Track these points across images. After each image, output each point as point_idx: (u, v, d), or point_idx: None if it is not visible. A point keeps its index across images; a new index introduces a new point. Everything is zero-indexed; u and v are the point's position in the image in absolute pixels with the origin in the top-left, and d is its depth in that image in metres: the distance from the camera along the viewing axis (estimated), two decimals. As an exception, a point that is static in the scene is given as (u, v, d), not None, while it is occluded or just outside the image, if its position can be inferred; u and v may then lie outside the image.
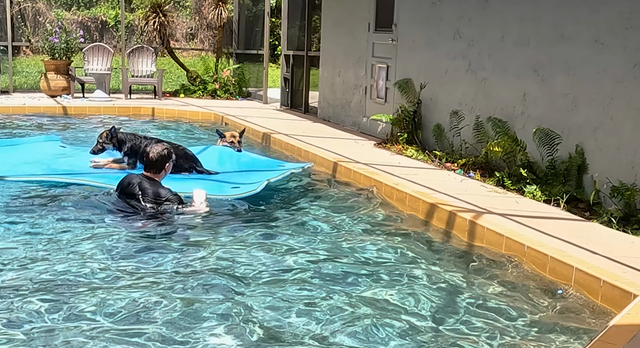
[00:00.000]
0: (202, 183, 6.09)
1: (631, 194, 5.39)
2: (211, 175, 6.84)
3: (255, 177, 6.40)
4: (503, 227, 4.97)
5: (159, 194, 5.46)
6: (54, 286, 3.87)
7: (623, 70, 5.75)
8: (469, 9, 7.83)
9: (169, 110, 12.37)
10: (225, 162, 7.35)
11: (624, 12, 5.74)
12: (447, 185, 6.45)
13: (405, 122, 8.67)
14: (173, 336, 3.31)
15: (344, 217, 5.68)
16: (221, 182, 6.47)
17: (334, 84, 11.11)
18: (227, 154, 7.52)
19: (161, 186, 5.57)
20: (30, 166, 6.82)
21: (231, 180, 6.51)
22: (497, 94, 7.33)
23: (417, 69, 8.80)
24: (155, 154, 5.53)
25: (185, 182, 6.25)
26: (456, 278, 4.34)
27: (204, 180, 6.57)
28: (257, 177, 6.35)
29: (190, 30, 18.46)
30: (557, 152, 6.35)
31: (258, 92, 14.92)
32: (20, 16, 16.53)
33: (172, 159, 5.66)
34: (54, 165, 6.95)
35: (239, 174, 6.87)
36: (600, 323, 3.66)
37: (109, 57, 14.19)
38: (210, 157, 7.35)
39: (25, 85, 15.26)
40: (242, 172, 6.96)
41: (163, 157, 5.57)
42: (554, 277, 4.30)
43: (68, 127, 10.61)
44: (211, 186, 6.10)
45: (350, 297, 3.90)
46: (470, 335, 3.50)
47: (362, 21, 10.07)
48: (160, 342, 3.25)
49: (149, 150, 5.62)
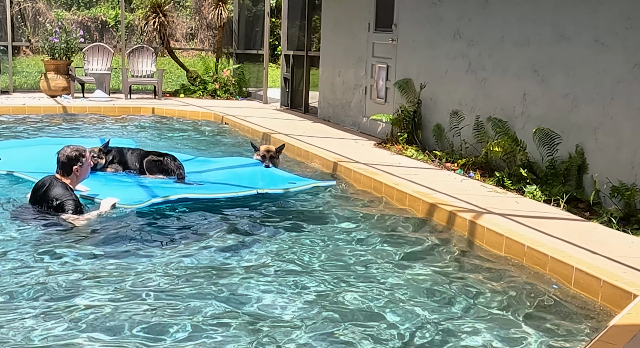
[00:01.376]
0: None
1: (631, 194, 5.39)
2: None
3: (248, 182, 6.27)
4: (503, 227, 4.97)
5: (56, 197, 5.14)
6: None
7: (623, 70, 5.75)
8: (469, 9, 7.83)
9: (169, 110, 12.37)
10: (243, 176, 6.59)
11: (624, 12, 5.74)
12: (447, 185, 6.45)
13: (405, 122, 8.67)
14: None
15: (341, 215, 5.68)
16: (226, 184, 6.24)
17: (334, 84, 11.11)
18: (249, 169, 6.83)
19: (64, 189, 5.21)
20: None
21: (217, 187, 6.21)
22: (497, 94, 7.33)
23: (417, 69, 8.81)
24: (63, 154, 5.29)
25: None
26: (456, 278, 4.34)
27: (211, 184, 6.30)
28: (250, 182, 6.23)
29: (190, 30, 18.46)
30: (557, 152, 6.35)
31: (258, 92, 14.92)
32: (20, 16, 16.53)
33: (81, 162, 5.31)
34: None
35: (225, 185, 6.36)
36: (600, 323, 3.66)
37: (109, 57, 14.19)
38: (228, 169, 6.91)
39: (25, 85, 15.26)
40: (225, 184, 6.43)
41: (70, 159, 5.27)
42: (553, 276, 4.30)
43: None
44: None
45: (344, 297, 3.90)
46: (470, 336, 3.50)
47: (362, 21, 10.07)
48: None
49: (60, 151, 5.35)
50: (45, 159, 5.78)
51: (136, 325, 3.40)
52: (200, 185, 6.28)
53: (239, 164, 7.17)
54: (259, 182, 6.32)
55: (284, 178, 6.50)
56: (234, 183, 6.22)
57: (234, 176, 6.57)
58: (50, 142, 7.79)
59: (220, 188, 6.06)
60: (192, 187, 6.17)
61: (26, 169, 6.38)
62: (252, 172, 6.66)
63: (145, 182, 6.35)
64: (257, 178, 6.45)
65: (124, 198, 5.49)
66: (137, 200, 5.49)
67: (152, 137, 9.93)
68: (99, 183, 6.03)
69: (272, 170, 6.73)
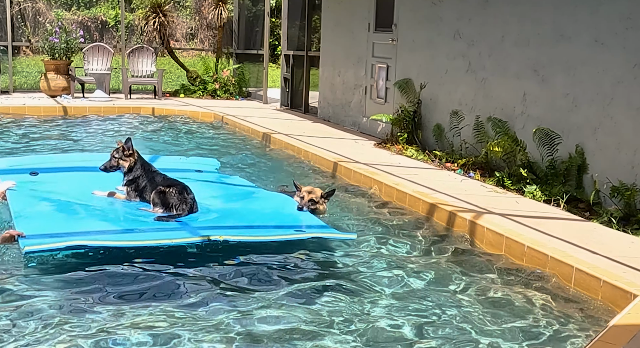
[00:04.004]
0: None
1: (631, 194, 5.39)
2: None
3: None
4: (503, 227, 4.97)
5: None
6: None
7: (623, 70, 5.75)
8: (469, 9, 7.83)
9: (169, 110, 12.38)
10: (269, 215, 5.31)
11: (624, 12, 5.74)
12: (447, 185, 6.45)
13: (405, 122, 8.67)
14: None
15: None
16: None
17: (334, 84, 11.11)
18: (278, 208, 5.53)
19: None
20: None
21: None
22: (497, 94, 7.33)
23: (417, 69, 8.81)
24: None
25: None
26: (455, 278, 4.34)
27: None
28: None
29: (190, 30, 18.45)
30: (557, 152, 6.35)
31: (258, 92, 14.92)
32: (20, 16, 16.52)
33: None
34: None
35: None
36: (600, 323, 3.66)
37: (109, 57, 14.19)
38: (260, 203, 5.64)
39: (25, 85, 15.25)
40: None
41: None
42: (554, 276, 4.30)
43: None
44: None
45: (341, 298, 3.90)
46: (469, 335, 3.50)
47: (362, 21, 10.07)
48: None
49: None
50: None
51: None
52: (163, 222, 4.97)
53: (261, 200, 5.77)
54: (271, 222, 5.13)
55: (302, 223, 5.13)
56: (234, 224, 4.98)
57: (244, 212, 5.36)
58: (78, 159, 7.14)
59: (169, 233, 4.62)
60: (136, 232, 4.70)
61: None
62: (276, 211, 5.42)
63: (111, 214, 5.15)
64: (274, 218, 5.24)
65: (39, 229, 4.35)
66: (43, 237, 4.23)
67: (152, 137, 9.93)
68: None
69: (302, 214, 5.34)
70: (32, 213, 4.78)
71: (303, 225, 5.06)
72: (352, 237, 4.82)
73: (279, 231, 4.88)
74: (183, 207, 5.14)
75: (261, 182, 6.77)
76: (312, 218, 5.19)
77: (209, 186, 6.09)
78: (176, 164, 6.92)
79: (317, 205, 5.50)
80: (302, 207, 5.42)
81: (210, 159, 7.47)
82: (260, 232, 4.82)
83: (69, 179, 5.97)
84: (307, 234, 4.78)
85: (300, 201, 5.47)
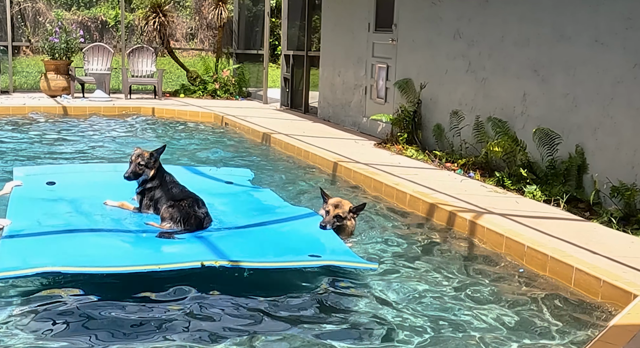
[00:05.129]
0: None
1: (631, 194, 5.39)
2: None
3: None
4: (503, 227, 4.97)
5: None
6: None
7: (623, 70, 5.75)
8: (469, 9, 7.83)
9: (169, 110, 12.38)
10: (289, 235, 4.74)
11: (624, 12, 5.74)
12: (447, 185, 6.45)
13: (405, 122, 8.67)
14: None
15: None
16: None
17: (334, 84, 11.11)
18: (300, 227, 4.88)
19: None
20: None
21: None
22: (497, 94, 7.33)
23: (417, 69, 8.81)
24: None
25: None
26: (455, 277, 4.34)
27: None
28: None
29: (190, 30, 18.47)
30: (557, 152, 6.35)
31: (258, 92, 14.92)
32: (20, 16, 16.53)
33: None
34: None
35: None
36: (600, 323, 3.66)
37: (109, 57, 14.20)
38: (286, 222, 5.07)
39: (25, 85, 15.26)
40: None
41: None
42: (553, 276, 4.30)
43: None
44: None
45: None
46: (469, 335, 3.50)
47: (362, 21, 10.07)
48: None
49: None
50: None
51: None
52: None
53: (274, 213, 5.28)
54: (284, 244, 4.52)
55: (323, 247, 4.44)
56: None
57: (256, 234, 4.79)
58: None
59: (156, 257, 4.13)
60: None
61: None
62: (292, 229, 4.82)
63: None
64: (287, 239, 4.65)
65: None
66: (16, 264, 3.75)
67: (151, 138, 9.94)
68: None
69: (324, 234, 4.65)
70: (18, 229, 4.39)
71: (321, 247, 4.38)
72: (373, 267, 4.17)
73: (288, 257, 4.20)
74: (191, 221, 4.70)
75: (261, 181, 6.76)
76: (333, 239, 4.53)
77: (231, 199, 5.65)
78: (207, 174, 6.53)
79: (344, 221, 4.79)
80: (325, 225, 4.70)
81: (243, 169, 6.93)
82: (266, 256, 4.16)
83: (83, 189, 5.65)
84: (318, 262, 4.14)
85: (325, 216, 4.79)
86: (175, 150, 8.72)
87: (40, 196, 5.38)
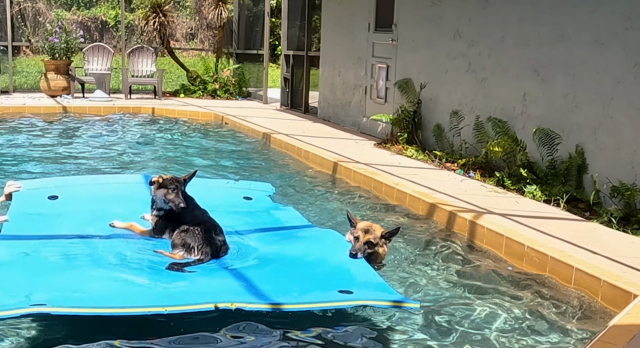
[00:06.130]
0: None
1: (631, 194, 5.39)
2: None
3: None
4: (503, 227, 4.97)
5: None
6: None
7: (623, 70, 5.75)
8: (469, 9, 7.83)
9: (169, 110, 12.38)
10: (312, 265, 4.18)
11: (624, 12, 5.74)
12: (447, 185, 6.45)
13: (405, 122, 8.67)
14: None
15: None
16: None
17: (334, 84, 11.11)
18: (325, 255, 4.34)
19: None
20: None
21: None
22: (497, 94, 7.33)
23: (417, 69, 8.81)
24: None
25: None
26: (455, 277, 4.34)
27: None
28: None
29: (190, 30, 18.46)
30: (557, 152, 6.35)
31: (258, 92, 14.93)
32: (20, 16, 16.52)
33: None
34: None
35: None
36: (600, 323, 3.66)
37: (109, 57, 14.20)
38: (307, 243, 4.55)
39: (25, 85, 15.26)
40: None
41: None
42: (553, 276, 4.30)
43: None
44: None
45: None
46: (468, 336, 3.50)
47: (362, 21, 10.07)
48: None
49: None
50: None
51: None
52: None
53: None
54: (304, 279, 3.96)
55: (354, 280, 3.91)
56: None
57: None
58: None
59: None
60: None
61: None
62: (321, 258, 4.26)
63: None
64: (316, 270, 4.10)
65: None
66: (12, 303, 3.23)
67: (153, 138, 9.94)
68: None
69: (354, 264, 4.15)
70: (7, 259, 3.88)
71: (353, 280, 3.87)
72: (414, 306, 3.58)
73: (315, 294, 3.67)
74: (207, 249, 4.20)
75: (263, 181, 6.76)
76: (366, 270, 4.01)
77: (250, 219, 5.09)
78: (222, 189, 5.86)
79: (375, 247, 4.33)
80: (355, 253, 4.22)
81: (263, 183, 6.26)
82: (289, 293, 3.64)
83: (87, 204, 5.13)
84: (351, 302, 3.58)
85: (354, 243, 4.30)
86: (176, 151, 8.73)
87: (40, 213, 4.86)
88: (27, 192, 5.34)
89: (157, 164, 7.78)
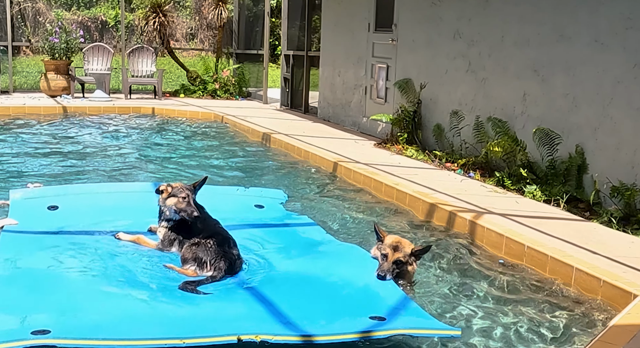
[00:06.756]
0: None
1: (631, 194, 5.39)
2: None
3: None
4: (503, 227, 4.97)
5: None
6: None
7: (623, 70, 5.75)
8: (469, 9, 7.83)
9: (169, 110, 12.38)
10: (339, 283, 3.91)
11: (624, 12, 5.74)
12: (447, 185, 6.45)
13: (405, 122, 8.67)
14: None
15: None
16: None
17: (334, 84, 11.11)
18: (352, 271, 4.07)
19: None
20: None
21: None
22: (497, 94, 7.33)
23: (417, 69, 8.81)
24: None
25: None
26: (455, 277, 4.34)
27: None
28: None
29: (190, 30, 18.46)
30: (557, 152, 6.35)
31: (258, 92, 14.93)
32: (20, 16, 16.52)
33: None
34: None
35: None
36: (600, 323, 3.66)
37: (109, 57, 14.20)
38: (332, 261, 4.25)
39: (25, 85, 15.26)
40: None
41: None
42: (553, 276, 4.30)
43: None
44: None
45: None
46: (468, 335, 3.50)
47: (362, 21, 10.07)
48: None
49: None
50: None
51: None
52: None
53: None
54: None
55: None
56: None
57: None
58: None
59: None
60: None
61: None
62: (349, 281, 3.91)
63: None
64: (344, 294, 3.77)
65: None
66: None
67: (150, 139, 9.94)
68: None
69: (383, 286, 3.82)
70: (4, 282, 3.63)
71: (383, 305, 3.53)
72: (455, 334, 3.27)
73: (344, 322, 3.34)
74: (220, 265, 3.89)
75: (262, 182, 6.76)
76: (397, 294, 3.67)
77: (264, 231, 4.81)
78: (232, 196, 5.60)
79: (404, 266, 3.94)
80: (384, 275, 3.84)
81: (274, 190, 6.04)
82: (317, 321, 3.32)
83: (89, 216, 4.88)
84: (386, 332, 3.21)
85: (382, 262, 3.91)
86: (175, 151, 8.73)
87: (38, 228, 4.57)
88: (25, 202, 5.09)
89: (157, 165, 7.78)
